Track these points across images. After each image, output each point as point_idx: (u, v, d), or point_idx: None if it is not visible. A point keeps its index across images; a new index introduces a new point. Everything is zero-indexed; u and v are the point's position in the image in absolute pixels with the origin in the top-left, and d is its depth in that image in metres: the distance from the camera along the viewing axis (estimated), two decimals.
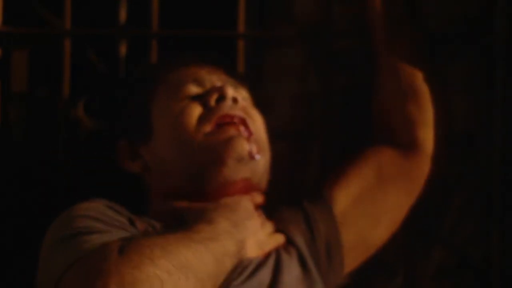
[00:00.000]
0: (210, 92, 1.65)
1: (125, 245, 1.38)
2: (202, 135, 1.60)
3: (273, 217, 1.67)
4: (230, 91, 1.64)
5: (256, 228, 1.57)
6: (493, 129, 1.87)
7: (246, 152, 1.59)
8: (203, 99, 1.64)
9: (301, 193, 1.78)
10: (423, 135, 1.78)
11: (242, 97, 1.68)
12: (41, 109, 2.13)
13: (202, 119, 1.62)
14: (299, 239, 1.64)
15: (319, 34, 1.92)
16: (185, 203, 1.59)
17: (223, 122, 1.61)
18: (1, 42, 1.95)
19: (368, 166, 1.76)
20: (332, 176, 1.76)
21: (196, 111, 1.63)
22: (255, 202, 1.61)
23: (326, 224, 1.69)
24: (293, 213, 1.69)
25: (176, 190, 1.61)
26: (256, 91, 1.75)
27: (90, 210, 1.50)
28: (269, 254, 1.57)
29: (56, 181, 1.91)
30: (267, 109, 1.75)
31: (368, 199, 1.74)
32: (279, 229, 1.65)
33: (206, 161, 1.58)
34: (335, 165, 1.80)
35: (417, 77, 1.78)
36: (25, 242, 1.83)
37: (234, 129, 1.61)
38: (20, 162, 2.02)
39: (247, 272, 1.50)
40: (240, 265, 1.50)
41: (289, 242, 1.63)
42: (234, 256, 1.47)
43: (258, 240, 1.57)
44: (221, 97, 1.63)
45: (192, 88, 1.67)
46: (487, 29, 1.88)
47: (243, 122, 1.62)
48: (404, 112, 1.78)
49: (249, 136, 1.61)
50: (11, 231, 1.94)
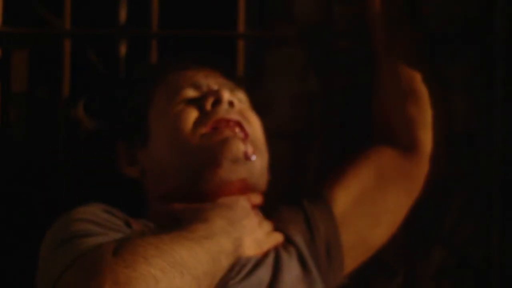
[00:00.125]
0: (206, 95, 1.65)
1: (120, 245, 1.38)
2: (198, 137, 1.60)
3: (273, 217, 1.67)
4: (226, 94, 1.64)
5: (254, 227, 1.57)
6: (493, 129, 1.87)
7: (242, 153, 1.59)
8: (199, 103, 1.64)
9: (301, 193, 1.78)
10: (422, 135, 1.78)
11: (239, 99, 1.68)
12: (41, 109, 2.13)
13: (198, 123, 1.62)
14: (299, 238, 1.64)
15: (319, 34, 1.92)
16: (182, 205, 1.59)
17: (218, 126, 1.61)
18: (1, 42, 1.95)
19: (368, 166, 1.77)
20: (332, 176, 1.77)
21: (192, 115, 1.63)
22: (252, 202, 1.61)
23: (326, 224, 1.69)
24: (293, 213, 1.70)
25: (173, 192, 1.61)
26: (256, 91, 1.75)
27: (87, 214, 1.51)
28: (268, 253, 1.57)
29: (56, 181, 1.91)
30: (267, 109, 1.75)
31: (368, 199, 1.74)
32: (279, 228, 1.65)
33: (202, 163, 1.58)
34: (335, 165, 1.80)
35: (416, 78, 1.78)
36: (25, 242, 1.83)
37: (229, 130, 1.61)
38: (20, 162, 2.01)
39: (245, 270, 1.51)
40: (238, 264, 1.50)
41: (288, 242, 1.63)
42: (231, 254, 1.47)
43: (256, 239, 1.57)
44: (217, 101, 1.63)
45: (189, 92, 1.67)
46: (487, 29, 1.87)
47: (238, 125, 1.62)
48: (404, 113, 1.79)
49: (245, 137, 1.62)
50: (11, 230, 1.94)
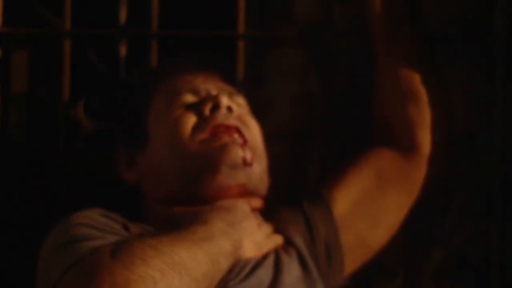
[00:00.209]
0: (204, 101, 1.65)
1: (118, 247, 1.38)
2: (197, 143, 1.60)
3: (273, 218, 1.67)
4: (225, 100, 1.64)
5: (253, 229, 1.57)
6: (493, 129, 1.86)
7: (240, 158, 1.59)
8: (198, 108, 1.64)
9: (301, 193, 1.78)
10: (422, 136, 1.78)
11: (238, 104, 1.68)
12: (41, 109, 2.13)
13: (196, 128, 1.62)
14: (299, 239, 1.64)
15: (319, 34, 1.92)
16: (181, 208, 1.59)
17: (217, 132, 1.61)
18: (1, 42, 1.95)
19: (368, 167, 1.76)
20: (331, 177, 1.77)
21: (191, 120, 1.63)
22: (252, 206, 1.61)
23: (325, 224, 1.69)
24: (292, 214, 1.70)
25: (172, 195, 1.61)
26: (256, 91, 1.75)
27: (86, 219, 1.51)
28: (267, 254, 1.57)
29: (56, 181, 1.91)
30: (267, 109, 1.75)
31: (367, 200, 1.74)
32: (279, 229, 1.65)
33: (200, 168, 1.58)
34: (335, 165, 1.80)
35: (416, 78, 1.78)
36: (25, 242, 1.83)
37: (228, 136, 1.61)
38: (20, 162, 2.01)
39: (245, 271, 1.50)
40: (237, 265, 1.50)
41: (288, 243, 1.63)
42: (230, 256, 1.47)
43: (255, 241, 1.57)
44: (216, 106, 1.63)
45: (188, 97, 1.67)
46: (487, 29, 1.87)
47: (237, 130, 1.62)
48: (403, 113, 1.78)
49: (243, 143, 1.61)
50: (11, 231, 1.94)
